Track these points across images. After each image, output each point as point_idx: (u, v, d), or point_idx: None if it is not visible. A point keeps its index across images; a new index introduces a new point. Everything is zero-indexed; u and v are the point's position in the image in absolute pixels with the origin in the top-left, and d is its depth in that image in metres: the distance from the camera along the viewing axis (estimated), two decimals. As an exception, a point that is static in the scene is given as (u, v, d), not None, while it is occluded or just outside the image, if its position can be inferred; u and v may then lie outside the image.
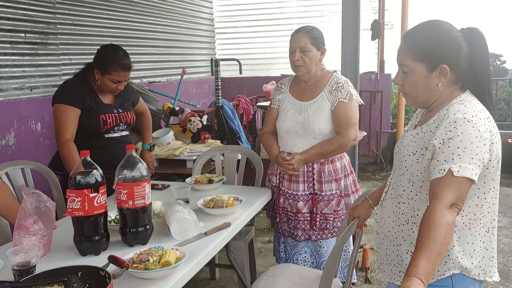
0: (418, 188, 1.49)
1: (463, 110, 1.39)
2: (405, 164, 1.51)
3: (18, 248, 1.63)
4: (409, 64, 1.49)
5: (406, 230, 1.53)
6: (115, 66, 2.59)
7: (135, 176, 1.81)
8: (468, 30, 1.48)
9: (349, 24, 3.11)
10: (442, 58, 1.45)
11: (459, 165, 1.31)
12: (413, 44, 1.49)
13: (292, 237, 2.66)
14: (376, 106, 6.41)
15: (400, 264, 1.59)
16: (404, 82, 1.53)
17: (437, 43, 1.45)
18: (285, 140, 2.63)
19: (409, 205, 1.52)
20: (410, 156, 1.50)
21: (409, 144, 1.53)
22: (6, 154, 3.35)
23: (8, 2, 3.39)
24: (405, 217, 1.54)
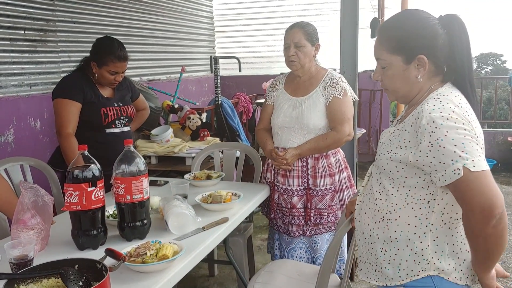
0: (399, 185, 1.42)
1: (438, 108, 1.32)
2: (382, 163, 1.47)
3: (15, 242, 1.63)
4: (385, 58, 1.45)
5: (381, 228, 1.47)
6: (111, 57, 2.60)
7: (133, 170, 1.82)
8: (446, 17, 1.42)
9: (347, 22, 3.10)
10: (418, 48, 1.39)
11: (472, 160, 1.25)
12: (387, 36, 1.45)
13: (286, 234, 2.67)
14: (376, 104, 6.42)
15: (375, 262, 1.51)
16: (383, 77, 1.49)
17: (411, 33, 1.40)
18: (280, 135, 2.64)
19: (386, 201, 1.45)
20: (385, 154, 1.45)
21: (385, 142, 1.48)
22: (5, 151, 3.35)
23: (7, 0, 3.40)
24: (381, 214, 1.47)
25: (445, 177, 1.30)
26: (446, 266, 1.40)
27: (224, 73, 6.63)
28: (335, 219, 2.63)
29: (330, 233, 2.66)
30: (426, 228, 1.40)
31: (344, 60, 3.10)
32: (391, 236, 1.45)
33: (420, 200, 1.40)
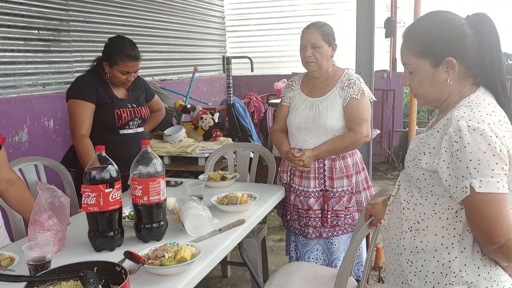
0: (426, 194, 1.38)
1: (468, 116, 1.26)
2: (409, 171, 1.43)
3: (33, 243, 1.63)
4: (412, 63, 1.41)
5: (408, 238, 1.42)
6: (122, 56, 2.58)
7: (150, 171, 1.80)
8: (474, 17, 1.37)
9: (363, 22, 3.08)
10: (446, 50, 1.35)
11: (480, 180, 1.21)
12: (413, 40, 1.41)
13: (303, 235, 2.65)
14: (388, 105, 6.37)
15: (401, 274, 1.47)
16: (411, 82, 1.45)
17: (438, 35, 1.36)
18: (296, 136, 2.61)
19: (414, 210, 1.41)
20: (412, 161, 1.41)
21: (413, 148, 1.44)
22: (19, 150, 3.36)
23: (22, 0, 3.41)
24: (408, 224, 1.42)
25: (457, 193, 1.27)
26: (475, 278, 1.34)
27: (236, 73, 6.60)
28: (352, 221, 2.60)
29: (347, 235, 2.63)
30: (453, 238, 1.35)
31: (360, 60, 3.08)
32: (417, 246, 1.40)
33: (448, 210, 1.35)
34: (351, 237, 2.64)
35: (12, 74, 3.38)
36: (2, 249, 1.83)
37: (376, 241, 1.95)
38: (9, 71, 3.35)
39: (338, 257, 2.61)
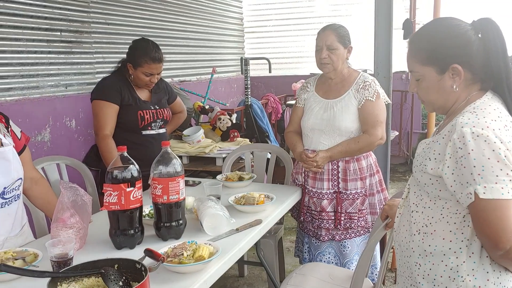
0: (434, 198, 1.38)
1: (472, 122, 1.26)
2: (416, 176, 1.44)
3: (56, 241, 1.67)
4: (418, 70, 1.42)
5: (416, 241, 1.43)
6: (146, 59, 2.63)
7: (170, 171, 1.84)
8: (479, 22, 1.37)
9: (381, 23, 3.07)
10: (451, 57, 1.35)
11: (484, 186, 1.22)
12: (418, 48, 1.41)
13: (316, 237, 2.65)
14: (407, 106, 6.32)
15: (410, 277, 1.47)
16: (418, 89, 1.45)
17: (442, 42, 1.36)
18: (310, 138, 2.63)
19: (423, 214, 1.42)
20: (418, 167, 1.42)
21: (420, 153, 1.45)
22: (41, 149, 3.44)
23: (45, 2, 3.48)
24: (417, 227, 1.43)
25: (462, 199, 1.27)
26: (483, 283, 1.33)
27: (253, 74, 6.62)
28: (365, 224, 2.60)
29: (360, 237, 2.63)
30: (461, 243, 1.35)
31: (378, 61, 3.07)
32: (426, 249, 1.41)
33: (456, 214, 1.35)
34: (364, 240, 2.64)
35: (35, 75, 3.46)
36: (26, 245, 1.88)
37: (392, 242, 1.95)
38: (32, 72, 3.43)
39: (351, 260, 2.61)
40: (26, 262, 1.66)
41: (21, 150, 1.96)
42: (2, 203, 1.82)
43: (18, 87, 3.32)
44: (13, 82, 3.29)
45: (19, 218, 1.96)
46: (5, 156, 1.84)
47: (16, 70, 3.31)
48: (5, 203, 1.83)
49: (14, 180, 1.86)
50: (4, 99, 3.20)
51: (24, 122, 3.28)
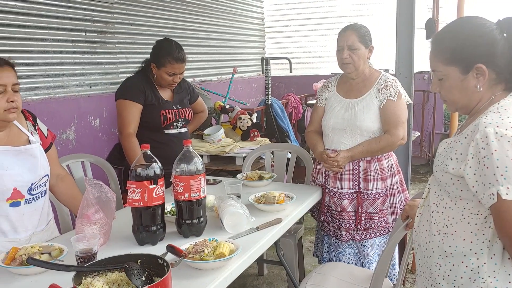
0: (455, 198, 1.38)
1: (496, 122, 1.26)
2: (437, 176, 1.42)
3: (80, 236, 1.71)
4: (441, 70, 1.40)
5: (436, 241, 1.42)
6: (169, 58, 2.67)
7: (192, 170, 1.87)
8: (504, 22, 1.35)
9: (403, 23, 3.05)
10: (475, 57, 1.34)
11: (507, 187, 1.20)
12: (441, 47, 1.40)
13: (336, 237, 2.65)
14: (429, 107, 6.25)
15: (430, 277, 1.47)
16: (441, 89, 1.44)
17: (466, 42, 1.35)
18: (331, 137, 2.63)
19: (443, 214, 1.41)
20: (439, 166, 1.41)
21: (441, 153, 1.44)
22: (66, 148, 3.51)
23: (70, 3, 3.56)
24: (437, 227, 1.42)
25: (484, 200, 1.26)
26: (504, 285, 1.32)
27: (274, 74, 6.63)
28: (386, 224, 2.59)
29: (380, 238, 2.62)
30: (482, 244, 1.34)
31: (400, 61, 3.05)
32: (446, 250, 1.40)
33: (477, 215, 1.34)
34: (384, 240, 2.63)
35: (61, 75, 3.54)
36: (51, 240, 1.93)
37: (413, 244, 1.94)
38: (58, 71, 3.51)
39: (371, 260, 2.61)
40: (51, 257, 1.70)
41: (47, 147, 2.02)
42: (29, 199, 1.87)
43: (44, 86, 3.41)
44: (39, 81, 3.37)
45: (45, 214, 2.01)
46: (33, 153, 1.89)
47: (42, 69, 3.39)
48: (32, 199, 1.89)
49: (40, 177, 1.91)
50: (30, 98, 3.28)
51: (49, 121, 3.36)
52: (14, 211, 1.84)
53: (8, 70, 1.80)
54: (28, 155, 1.88)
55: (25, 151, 1.87)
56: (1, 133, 1.85)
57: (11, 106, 1.79)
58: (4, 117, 1.79)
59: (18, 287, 1.58)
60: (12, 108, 1.79)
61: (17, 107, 1.81)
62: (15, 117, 1.83)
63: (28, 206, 1.87)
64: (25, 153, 1.87)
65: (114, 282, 1.43)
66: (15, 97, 1.80)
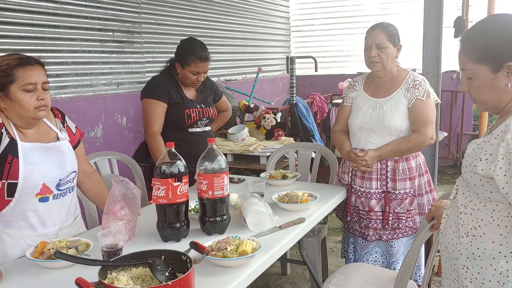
0: (485, 200, 1.35)
1: None
2: (466, 177, 1.39)
3: (106, 231, 1.75)
4: (470, 68, 1.38)
5: (464, 244, 1.39)
6: (193, 58, 2.70)
7: (215, 168, 1.88)
8: None
9: (431, 21, 3.01)
10: (505, 55, 1.31)
11: None
12: (470, 46, 1.37)
13: (362, 237, 2.63)
14: (458, 107, 6.14)
15: (457, 279, 1.45)
16: (470, 88, 1.41)
17: (497, 40, 1.32)
18: (358, 137, 2.61)
19: (471, 216, 1.38)
20: (468, 167, 1.38)
21: (470, 154, 1.40)
22: (94, 145, 3.58)
23: (99, 3, 3.62)
24: (465, 229, 1.40)
25: None
26: None
27: (299, 73, 6.61)
28: (413, 224, 2.56)
29: (407, 238, 2.59)
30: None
31: (427, 60, 3.01)
32: (474, 253, 1.37)
33: (507, 217, 1.31)
34: (410, 240, 2.59)
35: (89, 74, 3.61)
36: (78, 235, 1.98)
37: (438, 245, 1.91)
38: (86, 70, 3.58)
39: (397, 260, 2.58)
40: (78, 251, 1.74)
41: (75, 144, 2.07)
42: (57, 194, 1.92)
43: (72, 85, 3.48)
44: (68, 80, 3.45)
45: (73, 209, 2.06)
46: (61, 150, 1.94)
47: (71, 68, 3.47)
48: (60, 194, 1.93)
49: (68, 173, 1.95)
50: (59, 96, 3.35)
51: (77, 119, 3.43)
52: (42, 206, 1.88)
53: (38, 69, 1.85)
54: (57, 152, 1.92)
55: (54, 148, 1.92)
56: (31, 130, 1.90)
57: (41, 104, 1.83)
58: (34, 115, 1.84)
59: (46, 280, 1.62)
60: (42, 106, 1.84)
61: (46, 105, 1.86)
62: (44, 114, 1.88)
63: (56, 202, 1.92)
64: (54, 149, 1.92)
65: (138, 277, 1.45)
66: (44, 95, 1.85)
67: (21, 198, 1.82)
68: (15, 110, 1.81)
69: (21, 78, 1.79)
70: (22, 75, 1.79)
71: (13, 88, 1.78)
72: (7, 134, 1.81)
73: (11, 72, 1.78)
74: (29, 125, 1.88)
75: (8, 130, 1.82)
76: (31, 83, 1.80)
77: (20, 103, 1.80)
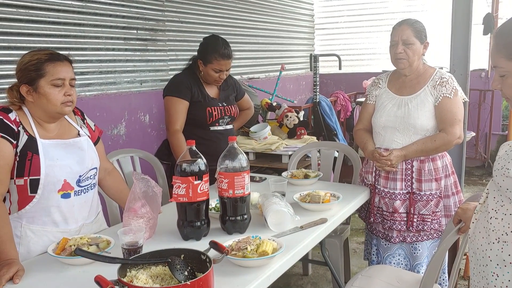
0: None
1: None
2: (497, 180, 1.33)
3: (127, 229, 1.75)
4: (504, 66, 1.31)
5: (495, 250, 1.33)
6: (216, 55, 2.69)
7: (236, 166, 1.87)
8: None
9: (459, 18, 2.93)
10: None
11: None
12: (505, 42, 1.30)
13: (386, 239, 2.58)
14: (486, 106, 5.98)
15: (485, 287, 1.39)
16: (503, 86, 1.35)
17: None
18: (382, 136, 2.55)
19: (503, 221, 1.31)
20: (500, 170, 1.31)
21: (502, 156, 1.34)
22: (117, 142, 3.61)
23: (123, 1, 3.65)
24: (496, 235, 1.33)
25: None
26: None
27: (323, 71, 6.55)
28: (439, 226, 2.49)
29: (432, 240, 2.52)
30: None
31: (455, 58, 2.93)
32: (505, 259, 1.30)
33: None
34: (435, 243, 2.53)
35: (113, 72, 3.64)
36: (100, 232, 1.98)
37: (465, 248, 1.85)
38: (110, 68, 3.61)
39: (421, 263, 2.52)
40: (99, 248, 1.75)
41: (95, 141, 2.07)
42: (78, 191, 1.93)
43: (96, 82, 3.51)
44: (92, 78, 3.48)
45: (95, 206, 2.07)
46: (81, 145, 1.95)
47: (95, 66, 3.50)
48: (81, 191, 1.94)
49: (88, 169, 1.96)
50: (84, 94, 3.39)
51: (101, 116, 3.46)
52: (65, 202, 1.89)
53: (67, 65, 1.88)
54: (77, 148, 1.94)
55: (73, 144, 1.93)
56: (53, 125, 1.92)
57: (68, 99, 1.86)
58: (60, 110, 1.86)
59: (67, 276, 1.63)
60: (68, 102, 1.87)
61: (72, 101, 1.89)
62: (70, 110, 1.90)
63: (78, 198, 1.93)
64: (73, 145, 1.93)
65: (157, 276, 1.45)
66: (71, 91, 1.88)
67: (44, 194, 1.84)
68: (42, 104, 1.84)
69: (50, 73, 1.81)
70: (51, 70, 1.82)
71: (42, 82, 1.81)
72: (25, 132, 1.83)
73: (41, 67, 1.81)
74: (53, 120, 1.91)
75: (25, 128, 1.83)
76: (60, 78, 1.83)
77: (48, 97, 1.82)
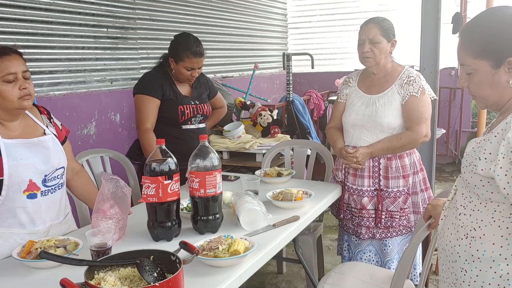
0: (485, 200, 1.30)
1: None
2: (465, 177, 1.34)
3: (95, 230, 1.71)
4: (470, 63, 1.32)
5: (463, 245, 1.35)
6: (187, 53, 2.66)
7: (207, 165, 1.84)
8: None
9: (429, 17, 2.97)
10: (507, 50, 1.25)
11: None
12: (470, 40, 1.32)
13: (356, 235, 2.60)
14: (456, 104, 6.10)
15: (454, 283, 1.40)
16: (469, 84, 1.36)
17: (498, 34, 1.26)
18: (351, 134, 2.57)
19: (471, 217, 1.33)
20: (468, 167, 1.32)
21: (469, 153, 1.35)
22: (87, 142, 3.54)
23: (93, -1, 3.58)
24: (464, 231, 1.35)
25: None
26: None
27: (296, 70, 6.57)
28: (407, 223, 2.52)
29: (402, 236, 2.56)
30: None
31: (425, 57, 2.97)
32: (473, 254, 1.32)
33: (508, 218, 1.27)
34: (405, 239, 2.56)
35: (82, 70, 3.56)
36: (68, 234, 1.94)
37: (436, 244, 1.88)
38: (79, 67, 3.53)
39: (392, 259, 2.54)
40: (67, 250, 1.70)
41: (62, 141, 2.02)
42: (45, 191, 1.88)
43: (65, 81, 3.44)
44: (61, 77, 3.40)
45: (63, 207, 2.02)
46: (45, 144, 1.90)
47: (64, 65, 3.42)
48: (48, 191, 1.89)
49: (55, 168, 1.91)
50: (52, 93, 3.31)
51: (71, 116, 3.38)
52: (31, 203, 1.84)
53: (16, 58, 1.80)
54: (41, 147, 1.88)
55: (38, 143, 1.87)
56: (16, 123, 1.85)
57: (24, 93, 1.79)
58: (19, 105, 1.79)
59: (33, 280, 1.58)
60: (26, 96, 1.79)
61: (30, 93, 1.81)
62: (30, 104, 1.83)
63: (45, 198, 1.88)
64: (37, 145, 1.87)
65: (126, 278, 1.42)
66: (26, 84, 1.80)
67: (8, 195, 1.78)
68: None
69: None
70: (0, 66, 1.74)
71: None
72: None
73: None
74: (14, 117, 1.84)
75: None
76: (11, 73, 1.75)
77: (3, 95, 1.75)
